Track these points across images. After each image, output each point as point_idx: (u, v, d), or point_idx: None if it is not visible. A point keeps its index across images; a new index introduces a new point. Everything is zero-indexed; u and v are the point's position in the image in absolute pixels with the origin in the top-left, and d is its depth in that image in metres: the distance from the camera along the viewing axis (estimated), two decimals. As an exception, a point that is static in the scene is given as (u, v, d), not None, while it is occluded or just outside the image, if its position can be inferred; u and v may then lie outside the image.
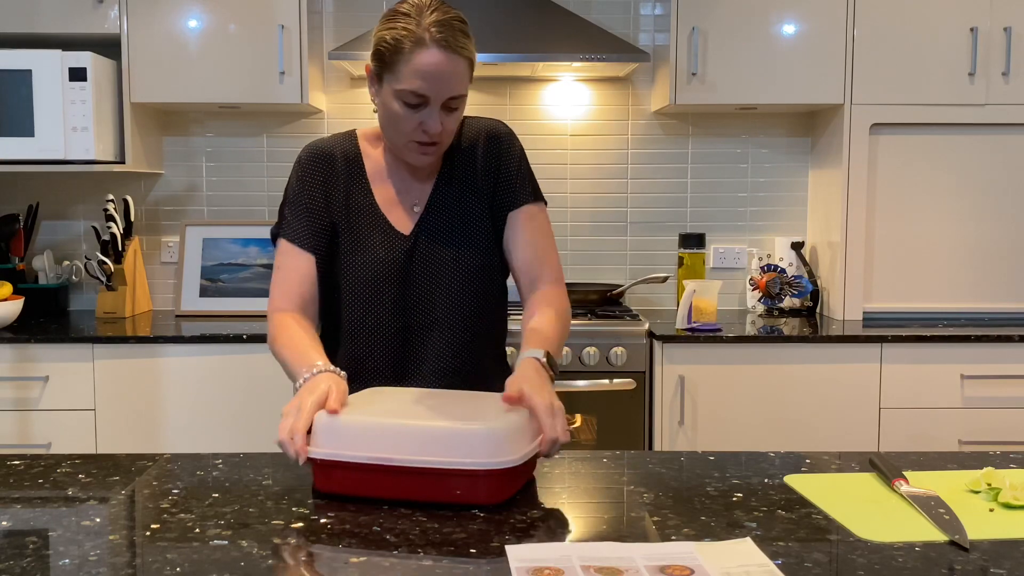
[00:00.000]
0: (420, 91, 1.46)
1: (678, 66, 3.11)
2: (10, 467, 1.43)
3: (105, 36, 3.08)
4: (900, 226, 3.21)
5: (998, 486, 1.29)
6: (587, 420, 2.87)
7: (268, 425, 2.86)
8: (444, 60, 1.45)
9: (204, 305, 3.34)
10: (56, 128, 2.93)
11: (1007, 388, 2.90)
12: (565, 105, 3.48)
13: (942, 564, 1.05)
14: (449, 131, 1.53)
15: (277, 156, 3.48)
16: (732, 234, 3.54)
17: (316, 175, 1.62)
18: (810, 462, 1.47)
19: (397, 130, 1.52)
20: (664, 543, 1.11)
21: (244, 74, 3.07)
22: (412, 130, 1.51)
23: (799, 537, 1.14)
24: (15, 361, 2.82)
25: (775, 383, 2.88)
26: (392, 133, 1.54)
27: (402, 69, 1.46)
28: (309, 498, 1.28)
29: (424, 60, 1.45)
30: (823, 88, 3.14)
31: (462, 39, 1.47)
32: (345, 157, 1.63)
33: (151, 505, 1.25)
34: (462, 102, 1.53)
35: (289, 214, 1.63)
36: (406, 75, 1.46)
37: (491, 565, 1.04)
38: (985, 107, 3.13)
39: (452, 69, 1.46)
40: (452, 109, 1.51)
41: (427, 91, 1.46)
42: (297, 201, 1.62)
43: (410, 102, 1.48)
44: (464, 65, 1.49)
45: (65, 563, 1.05)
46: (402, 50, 1.46)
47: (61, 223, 3.47)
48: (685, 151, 3.51)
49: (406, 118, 1.50)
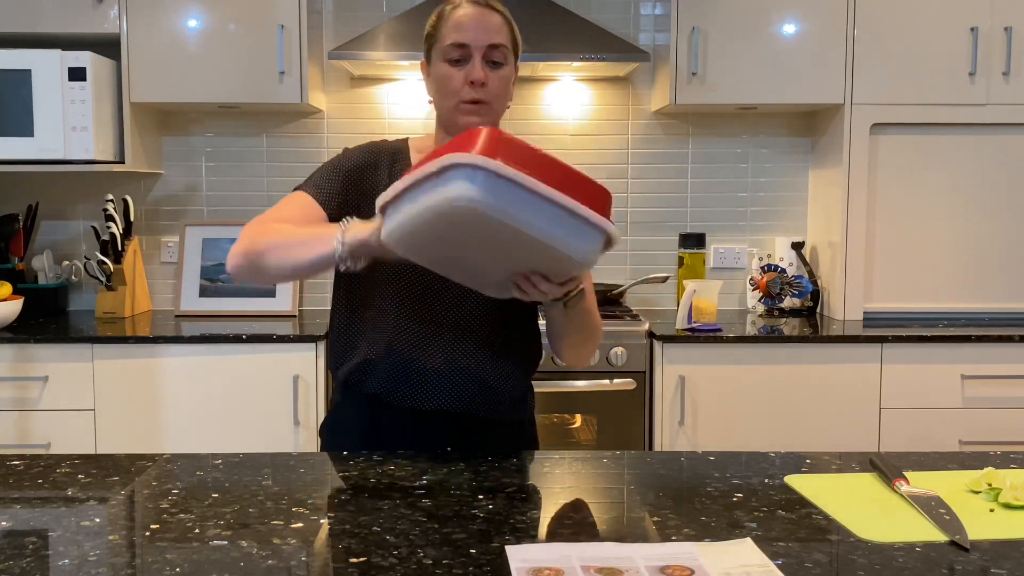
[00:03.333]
0: (459, 40, 1.55)
1: (678, 66, 3.11)
2: (10, 467, 1.43)
3: (105, 36, 3.08)
4: (900, 226, 3.21)
5: (998, 486, 1.29)
6: (587, 420, 2.87)
7: (268, 425, 2.86)
8: (477, 12, 1.56)
9: (204, 305, 3.34)
10: (56, 128, 2.93)
11: (1007, 388, 2.90)
12: (565, 105, 3.48)
13: (942, 564, 1.05)
14: (495, 91, 1.57)
15: (277, 156, 3.48)
16: (732, 234, 3.53)
17: (362, 159, 1.63)
18: (810, 462, 1.47)
19: (446, 93, 1.57)
20: (664, 543, 1.11)
21: (244, 74, 3.07)
22: (459, 87, 1.56)
23: (799, 537, 1.14)
24: (15, 361, 2.82)
25: (775, 383, 2.88)
26: (442, 99, 1.59)
27: (443, 31, 1.57)
28: (309, 498, 1.28)
29: (459, 14, 1.56)
30: (823, 88, 3.14)
31: (496, 1, 1.59)
32: (392, 152, 1.65)
33: (151, 505, 1.25)
34: (506, 58, 1.57)
35: (317, 175, 1.62)
36: (446, 33, 1.56)
37: (491, 565, 1.04)
38: (985, 107, 3.13)
39: (487, 20, 1.56)
40: (496, 64, 1.56)
41: (466, 39, 1.54)
42: (331, 168, 1.62)
43: (453, 57, 1.56)
44: (499, 19, 1.57)
45: (65, 563, 1.05)
46: (442, 16, 1.58)
47: (61, 223, 3.47)
48: (685, 151, 3.51)
49: (452, 76, 1.56)
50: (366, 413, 1.62)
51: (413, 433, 1.59)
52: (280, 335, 2.85)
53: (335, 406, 1.69)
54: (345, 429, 1.65)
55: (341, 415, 1.67)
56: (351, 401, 1.64)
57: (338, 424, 1.67)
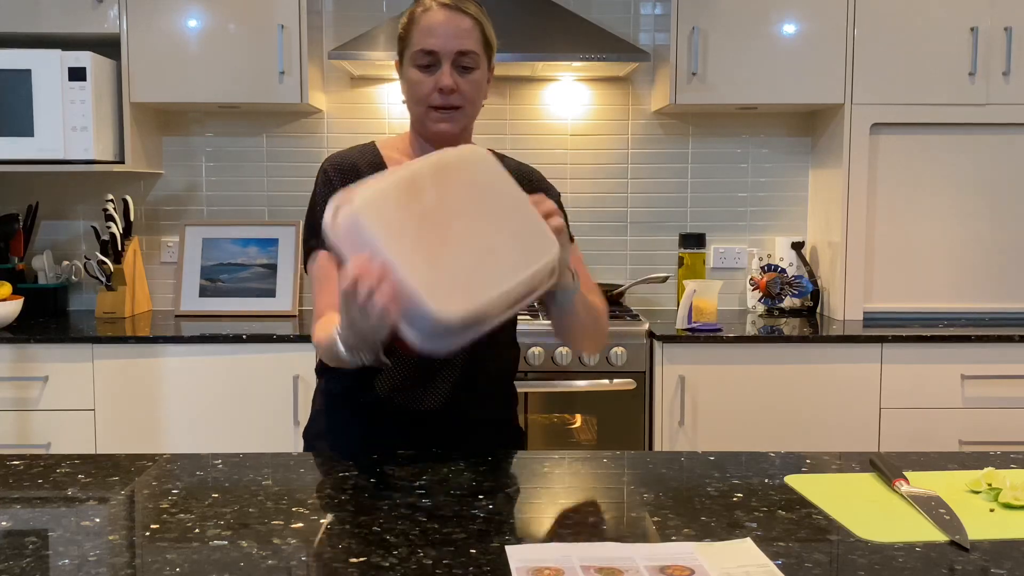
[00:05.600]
0: (428, 47, 1.53)
1: (678, 66, 3.11)
2: (10, 467, 1.43)
3: (105, 36, 3.08)
4: (900, 226, 3.21)
5: (999, 486, 1.29)
6: (587, 420, 2.87)
7: (268, 425, 2.86)
8: (447, 17, 1.54)
9: (204, 305, 3.34)
10: (56, 128, 2.93)
11: (1007, 388, 2.90)
12: (565, 105, 3.48)
13: (942, 564, 1.05)
14: (466, 95, 1.55)
15: (277, 156, 3.48)
16: (732, 234, 3.53)
17: (342, 183, 1.60)
18: (810, 462, 1.47)
19: (416, 99, 1.57)
20: (664, 543, 1.11)
21: (244, 74, 3.07)
22: (428, 93, 1.55)
23: (799, 537, 1.14)
24: (15, 361, 2.81)
25: (775, 383, 2.88)
26: (414, 105, 1.58)
27: (413, 35, 1.56)
28: (309, 498, 1.28)
29: (429, 19, 1.54)
30: (823, 88, 3.14)
31: (467, 2, 1.56)
32: (369, 165, 1.62)
33: (151, 505, 1.25)
34: (476, 63, 1.55)
35: (317, 223, 1.61)
36: (416, 38, 1.55)
37: (491, 565, 1.04)
38: (985, 107, 3.13)
39: (457, 25, 1.54)
40: (466, 69, 1.55)
41: (435, 46, 1.53)
42: (320, 209, 1.60)
43: (422, 63, 1.54)
44: (469, 23, 1.54)
45: (65, 563, 1.05)
46: (412, 19, 1.57)
47: (61, 223, 3.46)
48: (685, 151, 3.51)
49: (422, 82, 1.55)
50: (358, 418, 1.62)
51: (405, 435, 1.60)
52: (280, 335, 2.85)
53: (321, 412, 1.70)
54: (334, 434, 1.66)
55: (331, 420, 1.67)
56: (340, 406, 1.64)
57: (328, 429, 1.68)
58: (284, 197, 3.48)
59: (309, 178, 3.48)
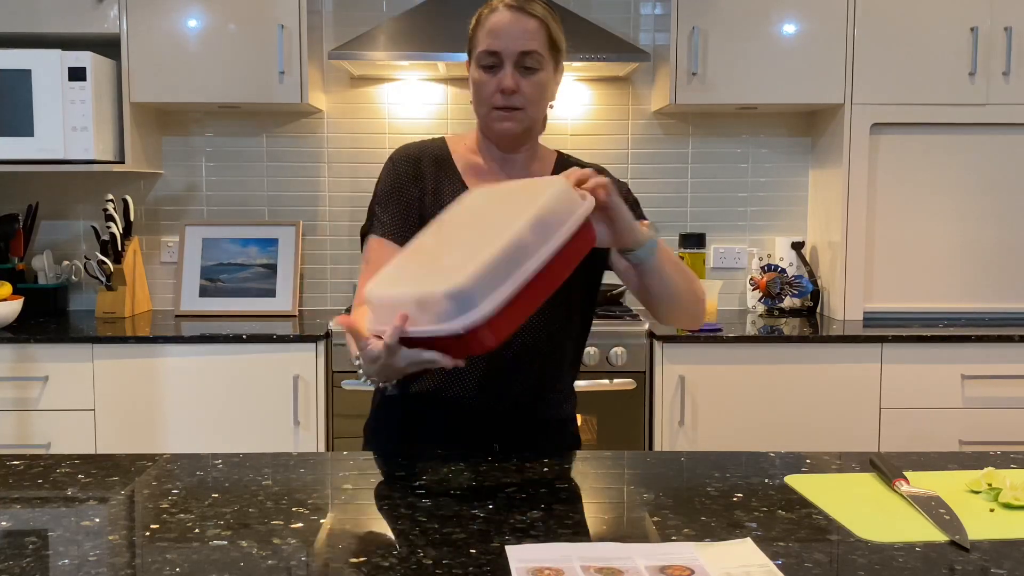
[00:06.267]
0: (491, 48, 1.55)
1: (678, 66, 3.11)
2: (10, 467, 1.43)
3: (105, 36, 3.08)
4: (900, 226, 3.21)
5: (999, 486, 1.29)
6: (587, 420, 2.87)
7: (268, 425, 2.86)
8: (511, 18, 1.55)
9: (204, 305, 3.34)
10: (56, 128, 2.93)
11: (1007, 388, 2.90)
12: (565, 105, 3.48)
13: (942, 564, 1.05)
14: (528, 96, 1.56)
15: (277, 156, 3.48)
16: (732, 234, 3.53)
17: (408, 171, 1.63)
18: (810, 462, 1.47)
19: (480, 99, 1.58)
20: (664, 543, 1.11)
21: (244, 74, 3.07)
22: (491, 94, 1.56)
23: (799, 537, 1.14)
24: (15, 361, 2.81)
25: (775, 383, 2.88)
26: (477, 105, 1.60)
27: (479, 36, 1.58)
28: (309, 498, 1.28)
29: (493, 20, 1.56)
30: (823, 88, 3.14)
31: (534, 4, 1.57)
32: (434, 157, 1.65)
33: (151, 505, 1.25)
34: (540, 64, 1.56)
35: (379, 210, 1.63)
36: (481, 39, 1.57)
37: (491, 565, 1.04)
38: (985, 107, 3.13)
39: (521, 26, 1.55)
40: (528, 70, 1.55)
41: (497, 47, 1.54)
42: (388, 198, 1.62)
43: (485, 63, 1.56)
44: (535, 24, 1.56)
45: (65, 563, 1.05)
46: (479, 21, 1.59)
47: (61, 223, 3.46)
48: (685, 151, 3.51)
49: (485, 83, 1.57)
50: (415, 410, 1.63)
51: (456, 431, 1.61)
52: (280, 335, 2.85)
53: (380, 404, 1.71)
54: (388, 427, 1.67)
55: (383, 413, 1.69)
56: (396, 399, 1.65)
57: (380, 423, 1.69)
58: (284, 197, 3.48)
59: (309, 178, 3.48)
